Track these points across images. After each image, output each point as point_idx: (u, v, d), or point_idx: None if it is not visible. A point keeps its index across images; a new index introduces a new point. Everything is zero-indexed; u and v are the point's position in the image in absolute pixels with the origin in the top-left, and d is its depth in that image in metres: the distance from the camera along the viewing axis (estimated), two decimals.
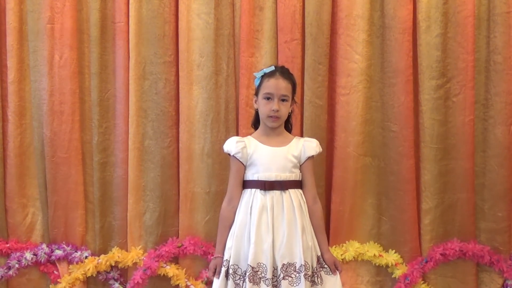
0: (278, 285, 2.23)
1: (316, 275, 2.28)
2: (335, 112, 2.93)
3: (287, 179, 2.32)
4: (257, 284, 2.21)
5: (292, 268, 2.23)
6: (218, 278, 2.29)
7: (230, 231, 2.33)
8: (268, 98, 2.34)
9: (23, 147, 3.05)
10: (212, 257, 2.41)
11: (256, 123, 2.48)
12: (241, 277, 2.25)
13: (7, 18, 2.99)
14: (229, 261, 2.29)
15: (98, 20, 2.96)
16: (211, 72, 2.92)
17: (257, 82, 2.42)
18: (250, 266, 2.22)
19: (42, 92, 2.98)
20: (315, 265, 2.30)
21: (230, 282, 2.26)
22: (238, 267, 2.27)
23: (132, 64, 2.93)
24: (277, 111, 2.32)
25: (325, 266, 2.33)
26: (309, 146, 2.39)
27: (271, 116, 2.34)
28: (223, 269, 2.29)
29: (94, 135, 3.00)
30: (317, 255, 2.32)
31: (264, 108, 2.34)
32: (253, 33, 2.93)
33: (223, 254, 2.33)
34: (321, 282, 2.30)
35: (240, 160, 2.36)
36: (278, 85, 2.33)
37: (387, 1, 2.87)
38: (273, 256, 2.23)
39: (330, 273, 2.33)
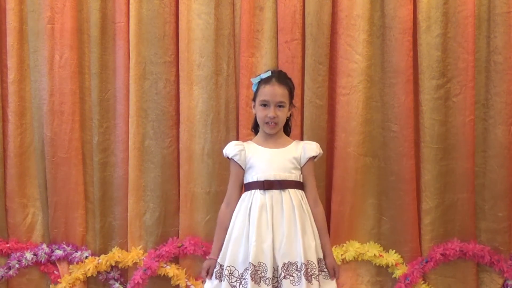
0: (278, 285, 2.22)
1: (314, 277, 2.27)
2: (335, 112, 2.93)
3: (287, 178, 2.32)
4: (257, 283, 2.20)
5: (293, 267, 2.22)
6: (210, 279, 2.30)
7: (226, 235, 2.32)
8: (264, 105, 2.35)
9: (23, 147, 3.05)
10: (207, 257, 2.41)
11: (255, 127, 2.49)
12: (238, 279, 2.24)
13: (7, 18, 2.99)
14: (220, 264, 2.29)
15: (98, 20, 2.96)
16: (211, 72, 2.92)
17: (254, 88, 2.43)
18: (252, 264, 2.21)
19: (42, 92, 2.98)
20: (315, 266, 2.28)
21: (225, 283, 2.25)
22: (235, 269, 2.26)
23: (132, 64, 2.93)
24: (274, 117, 2.33)
25: (325, 270, 2.31)
26: (309, 147, 2.40)
27: (267, 123, 2.35)
28: (215, 271, 2.29)
29: (94, 135, 3.00)
30: (318, 258, 2.29)
31: (261, 114, 2.36)
32: (253, 33, 2.93)
33: (218, 257, 2.32)
34: (318, 286, 2.26)
35: (238, 162, 2.36)
36: (274, 91, 2.34)
37: (387, 1, 2.87)
38: (273, 255, 2.22)
39: (328, 277, 2.31)
